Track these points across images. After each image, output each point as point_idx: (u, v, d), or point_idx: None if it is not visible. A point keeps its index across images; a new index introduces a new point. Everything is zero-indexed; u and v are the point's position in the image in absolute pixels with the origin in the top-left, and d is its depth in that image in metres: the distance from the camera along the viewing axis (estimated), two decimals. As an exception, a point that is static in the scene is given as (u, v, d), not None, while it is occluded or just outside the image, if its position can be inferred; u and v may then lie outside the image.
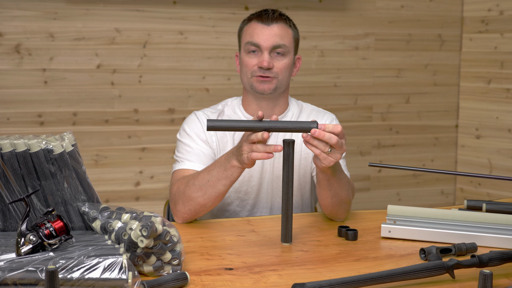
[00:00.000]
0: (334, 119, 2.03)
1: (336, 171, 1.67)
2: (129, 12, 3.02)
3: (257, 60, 1.90)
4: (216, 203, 1.73)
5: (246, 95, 1.98)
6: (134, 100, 3.08)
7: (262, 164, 1.95)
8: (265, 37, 1.88)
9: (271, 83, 1.90)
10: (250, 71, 1.91)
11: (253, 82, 1.91)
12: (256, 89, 1.91)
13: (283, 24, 1.91)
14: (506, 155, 3.42)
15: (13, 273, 1.17)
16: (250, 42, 1.90)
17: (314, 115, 2.02)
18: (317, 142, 1.51)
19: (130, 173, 3.12)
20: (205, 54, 3.14)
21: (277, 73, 1.90)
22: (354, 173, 3.45)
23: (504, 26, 3.38)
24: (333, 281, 1.21)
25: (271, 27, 1.89)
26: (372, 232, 1.69)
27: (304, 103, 2.07)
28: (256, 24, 1.91)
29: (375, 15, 3.40)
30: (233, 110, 2.00)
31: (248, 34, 1.92)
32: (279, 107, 1.98)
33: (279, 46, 1.89)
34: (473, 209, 1.86)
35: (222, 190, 1.70)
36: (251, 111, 1.98)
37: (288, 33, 1.92)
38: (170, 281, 1.25)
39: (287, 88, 1.98)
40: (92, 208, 1.44)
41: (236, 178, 1.68)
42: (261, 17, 1.91)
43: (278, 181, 1.97)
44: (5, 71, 2.90)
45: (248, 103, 1.98)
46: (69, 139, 1.46)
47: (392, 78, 3.49)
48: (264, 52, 1.88)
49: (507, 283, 1.33)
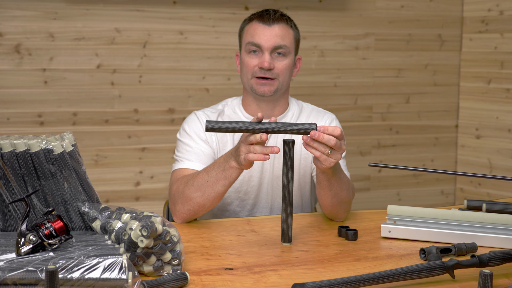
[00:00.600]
0: (334, 119, 2.03)
1: (336, 171, 1.67)
2: (129, 12, 3.02)
3: (258, 60, 1.89)
4: (215, 203, 1.73)
5: (246, 95, 1.98)
6: (134, 100, 3.08)
7: (262, 164, 1.95)
8: (266, 37, 1.88)
9: (272, 85, 1.90)
10: (251, 72, 1.90)
11: (253, 84, 1.91)
12: (257, 91, 1.91)
13: (284, 24, 1.91)
14: (506, 155, 3.42)
15: (13, 273, 1.17)
16: (251, 42, 1.89)
17: (314, 115, 2.02)
18: (317, 144, 1.52)
19: (130, 173, 3.12)
20: (205, 54, 3.14)
21: (277, 74, 1.90)
22: (354, 173, 3.45)
23: (504, 26, 3.38)
24: (333, 281, 1.21)
25: (272, 28, 1.89)
26: (372, 232, 1.69)
27: (304, 103, 2.06)
28: (257, 24, 1.90)
29: (375, 15, 3.40)
30: (233, 110, 2.00)
31: (249, 34, 1.91)
32: (279, 108, 1.98)
33: (280, 47, 1.89)
34: (473, 209, 1.86)
35: (220, 190, 1.70)
36: (251, 111, 1.97)
37: (289, 33, 1.92)
38: (170, 281, 1.25)
39: (287, 88, 1.97)
40: (92, 208, 1.44)
41: (235, 179, 1.68)
42: (262, 17, 1.90)
43: (278, 181, 1.97)
44: (5, 71, 2.90)
45: (248, 103, 1.98)
46: (69, 139, 1.46)
47: (392, 78, 3.49)
48: (265, 52, 1.88)
49: (507, 283, 1.33)
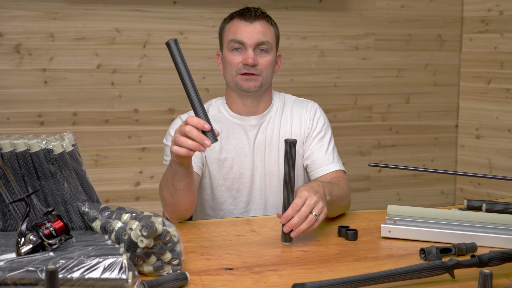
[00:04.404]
0: (318, 109, 2.03)
1: (332, 198, 1.70)
2: (129, 12, 3.02)
3: (242, 57, 1.90)
4: (188, 200, 1.71)
5: (230, 93, 1.99)
6: (134, 100, 3.08)
7: (253, 160, 1.97)
8: (248, 34, 1.89)
9: (256, 80, 1.91)
10: (235, 69, 1.91)
11: (238, 80, 1.92)
12: (242, 87, 1.92)
13: (265, 21, 1.93)
14: (506, 155, 3.42)
15: (13, 273, 1.17)
16: (234, 40, 1.91)
17: (297, 105, 2.03)
18: (304, 226, 1.54)
19: (130, 173, 3.12)
20: (205, 54, 3.14)
21: (261, 70, 1.91)
22: (354, 173, 3.46)
23: (504, 26, 3.38)
24: (333, 281, 1.21)
25: (254, 25, 1.91)
26: (372, 232, 1.69)
27: (286, 95, 2.07)
28: (239, 22, 1.92)
29: (375, 15, 3.40)
30: (218, 110, 2.01)
31: (231, 32, 1.92)
32: (264, 104, 1.99)
33: (263, 43, 1.90)
34: (473, 209, 1.86)
35: (180, 186, 1.67)
36: (236, 109, 1.98)
37: (270, 30, 1.94)
38: (170, 281, 1.25)
39: (270, 84, 1.99)
40: (92, 208, 1.44)
41: (185, 172, 1.64)
42: (244, 15, 1.92)
43: (270, 177, 1.97)
44: (5, 71, 2.90)
45: (232, 101, 1.99)
46: (69, 139, 1.46)
47: (392, 78, 3.49)
48: (249, 49, 1.89)
49: (507, 283, 1.33)
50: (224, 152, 1.96)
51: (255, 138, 1.98)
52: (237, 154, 1.96)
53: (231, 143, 1.96)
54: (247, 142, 1.97)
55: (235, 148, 1.96)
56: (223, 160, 1.96)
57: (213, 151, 1.95)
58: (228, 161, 1.96)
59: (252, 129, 1.98)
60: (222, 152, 1.96)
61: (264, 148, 1.97)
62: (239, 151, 1.97)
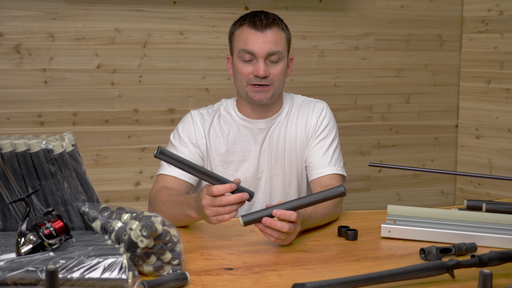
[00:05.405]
0: (324, 109, 2.01)
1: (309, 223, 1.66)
2: (129, 12, 3.01)
3: (252, 68, 1.87)
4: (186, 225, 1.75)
5: (240, 98, 1.98)
6: (134, 100, 3.08)
7: (258, 163, 1.96)
8: (259, 44, 1.85)
9: (268, 91, 1.88)
10: (246, 79, 1.88)
11: (248, 91, 1.89)
12: (253, 99, 1.90)
13: (276, 29, 1.87)
14: (506, 155, 3.42)
15: (13, 273, 1.17)
16: (244, 50, 1.86)
17: (304, 107, 2.01)
18: (271, 231, 1.51)
19: (130, 173, 3.12)
20: (205, 54, 3.14)
21: (273, 80, 1.88)
22: (354, 173, 3.46)
23: (504, 26, 3.38)
24: (333, 281, 1.21)
25: (265, 34, 1.85)
26: (372, 232, 1.69)
27: (295, 96, 2.05)
28: (249, 31, 1.86)
29: (375, 15, 3.40)
30: (227, 111, 2.00)
31: (241, 40, 1.88)
32: (274, 109, 1.98)
33: (274, 53, 1.86)
34: (473, 209, 1.86)
35: (186, 224, 1.73)
36: (245, 113, 1.97)
37: (282, 37, 1.89)
38: (170, 281, 1.25)
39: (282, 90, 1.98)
40: (92, 208, 1.44)
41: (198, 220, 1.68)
42: (254, 23, 1.86)
43: (276, 180, 1.97)
44: (5, 71, 2.90)
45: (242, 105, 1.98)
46: (69, 139, 1.46)
47: (392, 78, 3.49)
48: (259, 60, 1.85)
49: (507, 283, 1.33)
50: (231, 155, 1.95)
51: (262, 141, 1.96)
52: (243, 157, 1.95)
53: (238, 145, 1.95)
54: (254, 146, 1.96)
55: (241, 151, 1.95)
56: (228, 162, 1.95)
57: (219, 153, 1.95)
58: (233, 164, 1.95)
59: (260, 133, 1.97)
60: (228, 154, 1.95)
61: (271, 152, 1.96)
62: (246, 154, 1.95)
